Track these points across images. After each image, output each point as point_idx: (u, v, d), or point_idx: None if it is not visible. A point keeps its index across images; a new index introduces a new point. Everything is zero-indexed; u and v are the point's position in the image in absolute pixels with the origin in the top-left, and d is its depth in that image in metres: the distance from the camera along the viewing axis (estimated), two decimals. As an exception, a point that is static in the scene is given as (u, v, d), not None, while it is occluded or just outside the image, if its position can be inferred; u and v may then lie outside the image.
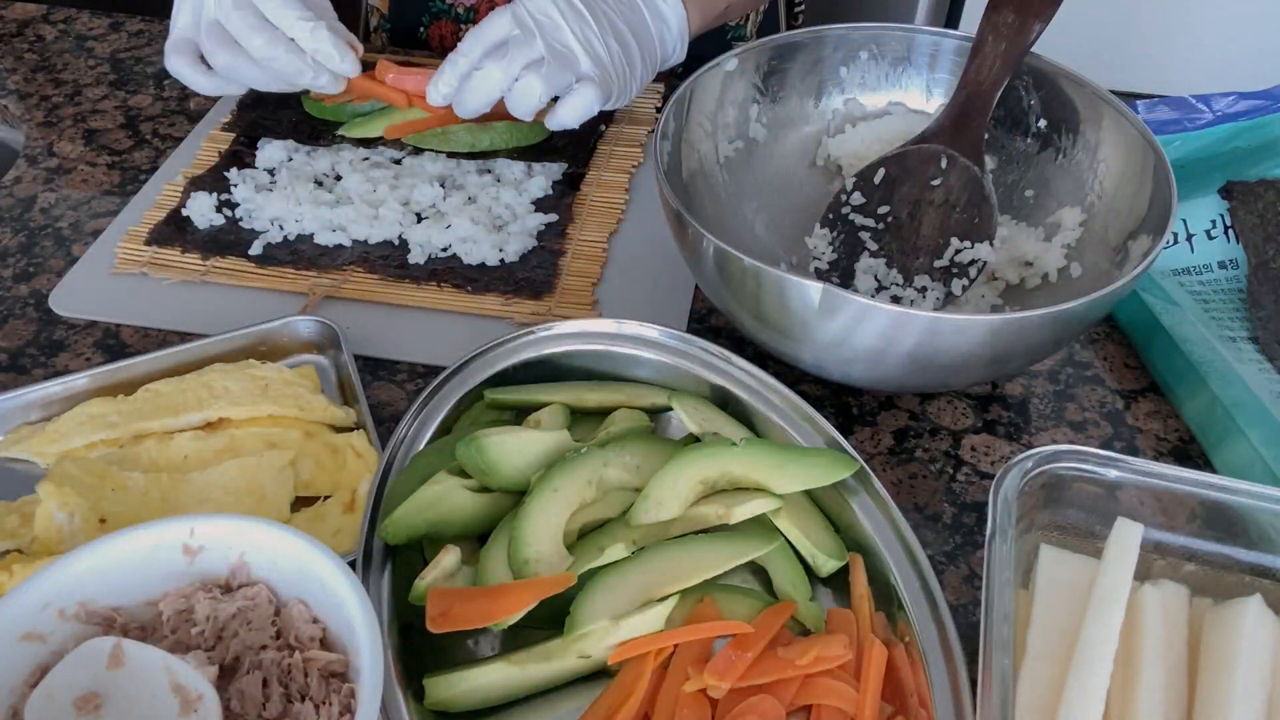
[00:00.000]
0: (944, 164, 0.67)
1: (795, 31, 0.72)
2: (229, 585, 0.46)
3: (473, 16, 0.93)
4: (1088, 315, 0.55)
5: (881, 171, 0.69)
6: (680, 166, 0.68)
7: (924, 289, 0.65)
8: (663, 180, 0.60)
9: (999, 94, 0.67)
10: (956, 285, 0.64)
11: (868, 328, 0.53)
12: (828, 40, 0.73)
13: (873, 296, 0.56)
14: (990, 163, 0.71)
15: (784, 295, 0.54)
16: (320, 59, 0.69)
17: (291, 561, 0.45)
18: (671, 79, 0.91)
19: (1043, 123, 0.70)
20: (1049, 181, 0.70)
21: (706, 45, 0.93)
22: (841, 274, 0.67)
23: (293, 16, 0.67)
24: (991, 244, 0.65)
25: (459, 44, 0.70)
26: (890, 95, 0.75)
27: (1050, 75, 0.68)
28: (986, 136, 0.68)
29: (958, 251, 0.65)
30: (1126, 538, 0.49)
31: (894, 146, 0.70)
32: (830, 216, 0.69)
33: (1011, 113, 0.71)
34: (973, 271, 0.65)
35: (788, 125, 0.75)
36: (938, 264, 0.65)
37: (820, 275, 0.67)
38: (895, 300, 0.65)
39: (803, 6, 1.03)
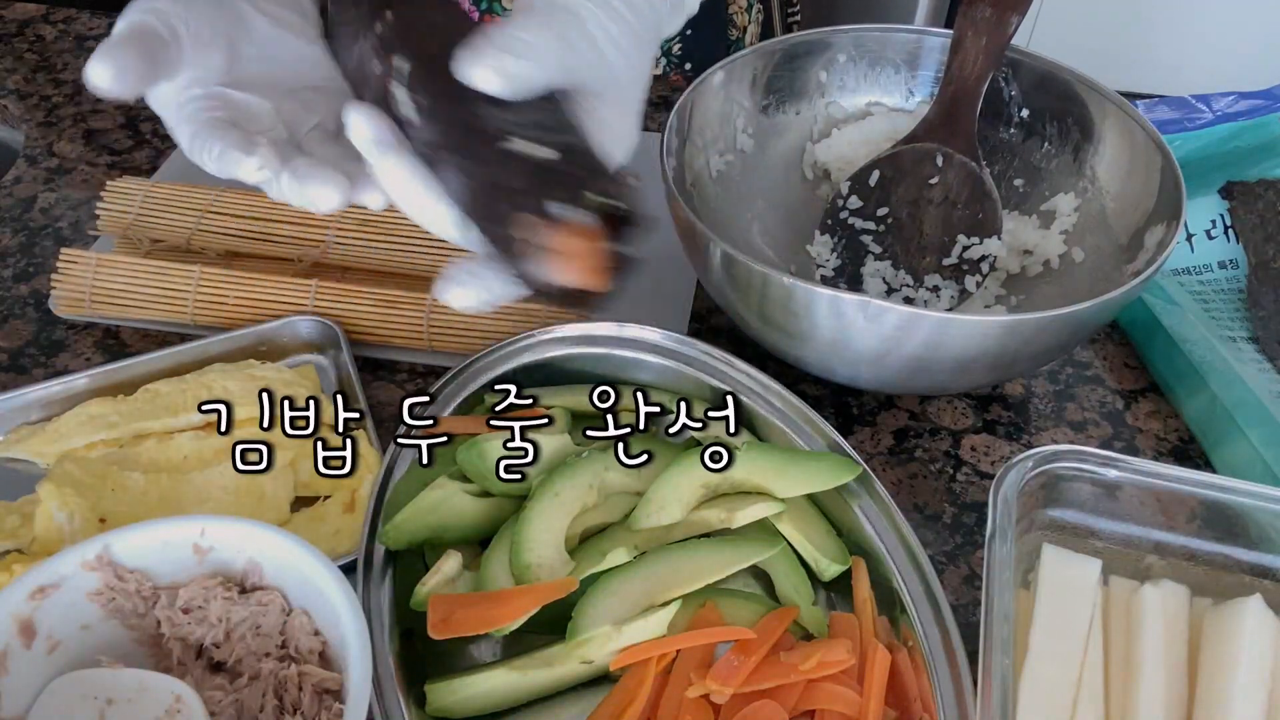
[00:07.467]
0: (940, 161, 0.67)
1: (771, 40, 0.72)
2: (243, 584, 0.47)
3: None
4: (1099, 316, 0.55)
5: (875, 173, 0.69)
6: (684, 179, 0.68)
7: (936, 288, 0.65)
8: (672, 190, 0.59)
9: (984, 88, 0.67)
10: (970, 282, 0.64)
11: (879, 330, 0.53)
12: (804, 45, 0.72)
13: (885, 299, 0.56)
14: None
15: (792, 302, 0.53)
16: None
17: (296, 571, 0.45)
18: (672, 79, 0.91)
19: (1025, 112, 0.70)
20: (1038, 169, 0.70)
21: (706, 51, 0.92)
22: (848, 279, 0.66)
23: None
24: (999, 238, 0.65)
25: None
26: (870, 96, 0.74)
27: (1049, 72, 0.68)
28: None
29: (965, 248, 0.65)
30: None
31: (881, 147, 0.69)
32: (829, 222, 0.69)
33: (993, 104, 0.71)
34: (984, 267, 0.64)
35: (773, 135, 0.74)
36: (946, 262, 0.65)
37: (826, 282, 0.67)
38: (908, 301, 0.65)
39: (797, 10, 1.02)
